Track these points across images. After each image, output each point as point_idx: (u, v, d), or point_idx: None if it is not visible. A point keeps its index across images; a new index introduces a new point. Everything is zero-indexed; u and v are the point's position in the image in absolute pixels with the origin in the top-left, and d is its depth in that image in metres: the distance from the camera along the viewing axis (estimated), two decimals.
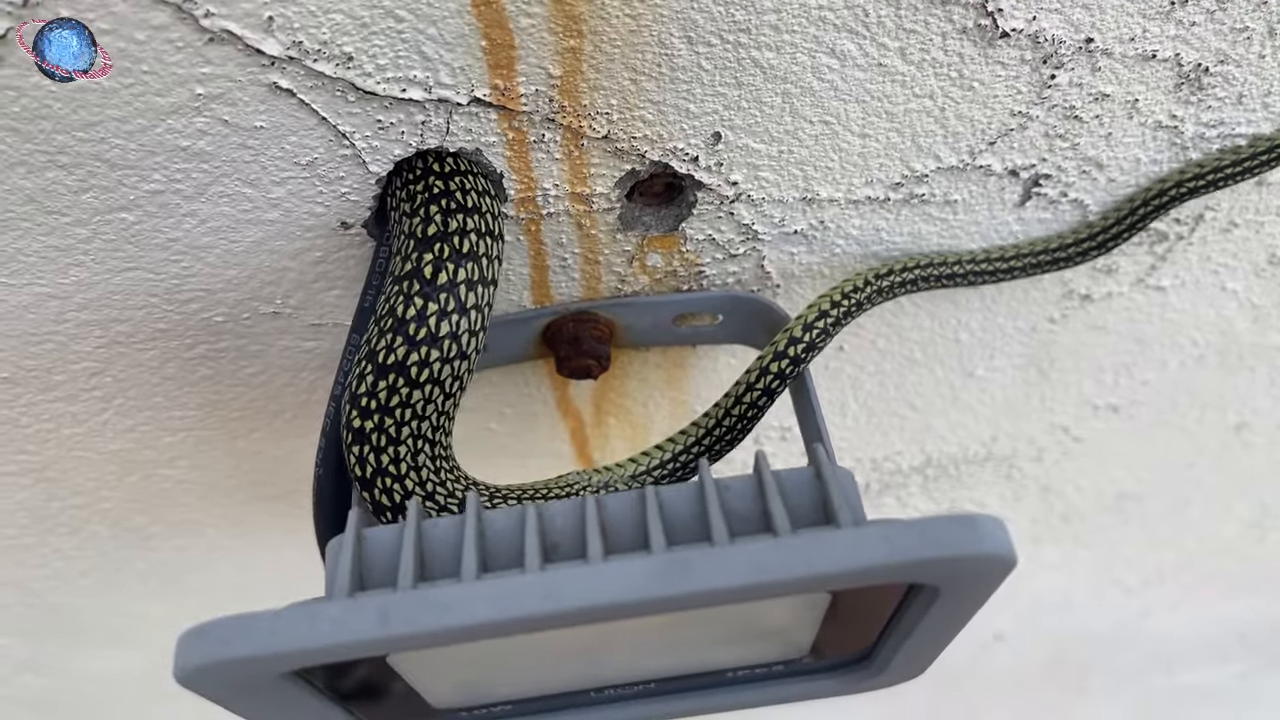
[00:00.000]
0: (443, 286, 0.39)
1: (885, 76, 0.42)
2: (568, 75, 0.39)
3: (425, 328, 0.38)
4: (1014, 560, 0.33)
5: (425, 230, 0.39)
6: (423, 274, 0.39)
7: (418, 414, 0.39)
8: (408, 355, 0.38)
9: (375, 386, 0.38)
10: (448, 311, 0.38)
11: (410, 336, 0.38)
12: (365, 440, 0.39)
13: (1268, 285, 0.61)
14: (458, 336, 0.39)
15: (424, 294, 0.38)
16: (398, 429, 0.39)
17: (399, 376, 0.38)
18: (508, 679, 0.43)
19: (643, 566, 0.31)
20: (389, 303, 0.39)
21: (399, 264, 0.39)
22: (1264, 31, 0.44)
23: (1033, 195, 0.50)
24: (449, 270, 0.39)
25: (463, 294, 0.39)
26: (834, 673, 0.47)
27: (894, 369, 0.62)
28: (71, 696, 0.80)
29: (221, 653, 0.31)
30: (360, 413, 0.39)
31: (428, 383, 0.38)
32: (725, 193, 0.46)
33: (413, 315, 0.38)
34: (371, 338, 0.39)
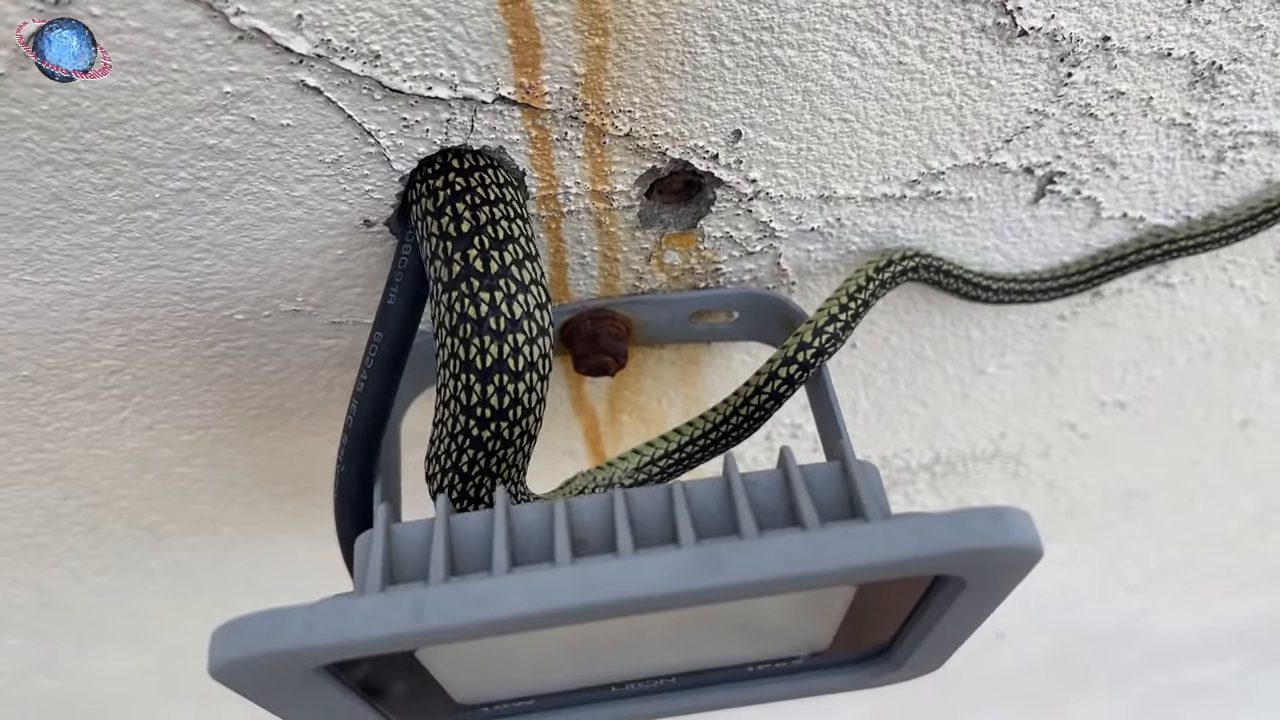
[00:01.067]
0: (498, 274, 0.39)
1: (905, 74, 0.43)
2: (592, 73, 0.39)
3: (502, 316, 0.38)
4: (1040, 552, 0.33)
5: (459, 228, 0.40)
6: (475, 269, 0.39)
7: (526, 408, 0.39)
8: (501, 349, 0.38)
9: (485, 393, 0.38)
10: (513, 294, 0.39)
11: (495, 330, 0.38)
12: (482, 447, 0.39)
13: (1275, 282, 0.62)
14: (531, 314, 0.39)
15: (486, 287, 0.38)
16: (510, 429, 0.39)
17: (501, 374, 0.38)
18: (531, 675, 0.43)
19: (674, 560, 0.32)
20: (457, 309, 0.39)
21: (444, 269, 0.39)
22: (1278, 30, 0.45)
23: (1046, 193, 0.51)
24: (496, 258, 0.39)
25: (517, 274, 0.39)
26: (853, 667, 0.47)
27: (906, 366, 0.63)
28: (85, 697, 0.80)
29: (257, 647, 0.31)
30: (478, 423, 0.39)
31: (525, 370, 0.39)
32: (744, 190, 0.46)
33: (486, 310, 0.38)
34: (456, 349, 0.39)
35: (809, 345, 0.46)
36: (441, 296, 0.40)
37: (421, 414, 0.54)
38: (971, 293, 0.54)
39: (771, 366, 0.46)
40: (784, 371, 0.46)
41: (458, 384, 0.39)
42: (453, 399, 0.40)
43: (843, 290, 0.48)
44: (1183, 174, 0.52)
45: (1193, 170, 0.52)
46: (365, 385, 0.45)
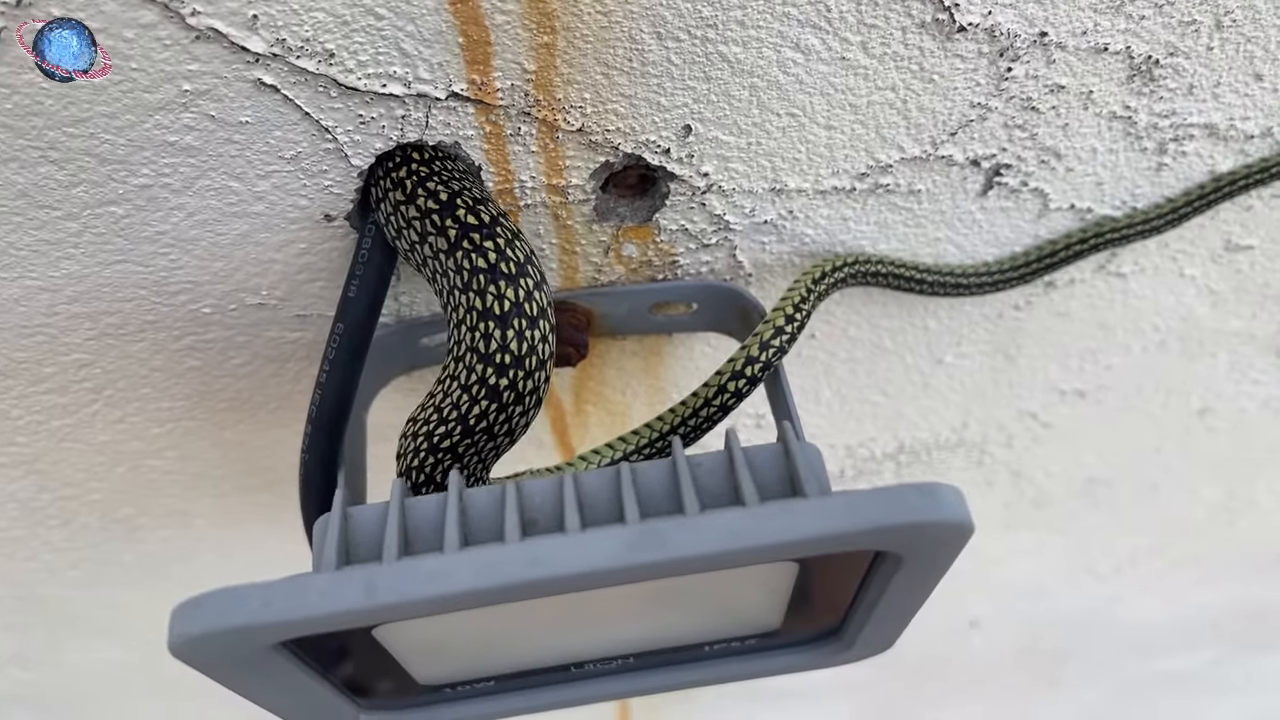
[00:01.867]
0: (491, 223, 0.40)
1: (848, 70, 0.44)
2: (542, 70, 0.41)
3: (511, 261, 0.40)
4: (971, 527, 0.35)
5: (440, 199, 0.40)
6: (470, 223, 0.40)
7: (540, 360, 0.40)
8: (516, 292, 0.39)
9: (506, 339, 0.39)
10: (512, 239, 0.40)
11: (508, 274, 0.39)
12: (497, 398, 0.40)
13: (1224, 271, 0.63)
14: (530, 259, 0.41)
15: (488, 235, 0.40)
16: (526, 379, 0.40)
17: (519, 318, 0.39)
18: (490, 655, 0.44)
19: (618, 536, 0.33)
20: (466, 266, 0.40)
21: (439, 239, 0.40)
22: (1211, 24, 0.46)
23: (994, 185, 0.52)
24: (485, 210, 0.40)
25: (506, 223, 0.41)
26: (807, 647, 0.48)
27: (865, 356, 0.64)
28: (60, 690, 0.81)
29: (215, 623, 0.32)
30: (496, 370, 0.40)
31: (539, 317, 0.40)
32: (697, 184, 0.48)
33: (495, 257, 0.39)
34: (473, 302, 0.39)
35: (756, 360, 0.47)
36: (447, 263, 0.40)
37: (387, 405, 0.55)
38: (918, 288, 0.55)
39: (735, 365, 0.47)
40: (732, 386, 0.47)
41: (475, 335, 0.40)
42: (469, 351, 0.40)
43: (795, 290, 0.49)
44: (1126, 165, 0.53)
45: (1136, 162, 0.53)
46: (328, 376, 0.46)
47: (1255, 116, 0.52)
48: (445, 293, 0.41)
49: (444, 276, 0.40)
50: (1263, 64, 0.49)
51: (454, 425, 0.41)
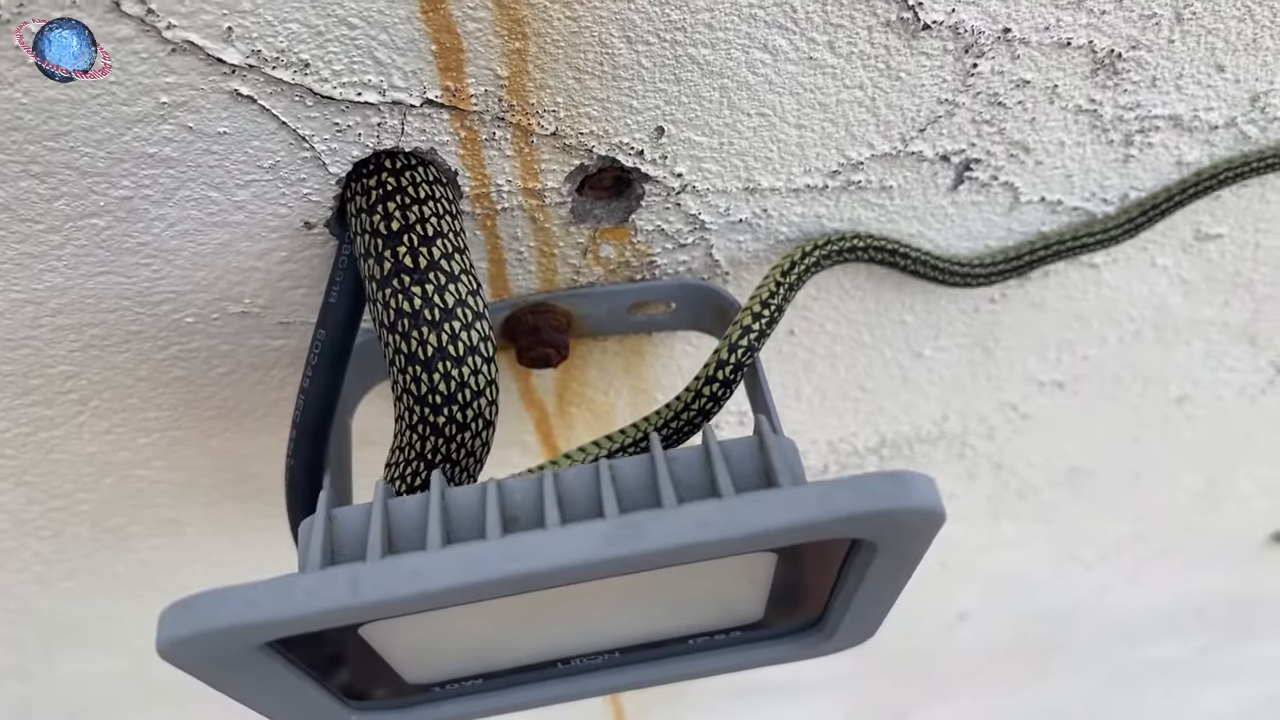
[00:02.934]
0: (427, 268, 0.41)
1: (816, 69, 0.45)
2: (515, 76, 0.41)
3: (436, 307, 0.40)
4: (942, 514, 0.35)
5: (389, 226, 0.41)
6: (405, 265, 0.41)
7: (475, 390, 0.41)
8: (439, 338, 0.40)
9: (434, 381, 0.40)
10: (443, 285, 0.41)
11: (431, 321, 0.40)
12: (440, 433, 0.41)
13: (1195, 260, 0.64)
14: (464, 301, 0.41)
15: (417, 281, 0.40)
16: (463, 412, 0.41)
17: (444, 361, 0.40)
18: (477, 652, 0.45)
19: (597, 530, 0.34)
20: (393, 305, 0.40)
21: (375, 266, 0.41)
22: (1171, 17, 0.47)
23: (965, 179, 0.53)
24: (425, 254, 0.41)
25: (446, 266, 0.41)
26: (789, 638, 0.49)
27: (844, 352, 0.65)
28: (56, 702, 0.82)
29: (202, 624, 0.33)
30: (432, 410, 0.41)
31: (467, 354, 0.41)
32: (671, 184, 0.48)
33: (420, 303, 0.40)
34: (399, 345, 0.40)
35: (726, 363, 0.47)
36: (376, 294, 0.42)
37: (372, 409, 0.56)
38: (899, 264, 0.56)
39: (708, 370, 0.47)
40: (707, 390, 0.47)
41: (406, 377, 0.41)
42: (404, 392, 0.41)
43: (764, 286, 0.49)
44: (1094, 158, 0.54)
45: (1103, 154, 0.54)
46: (311, 381, 0.46)
47: (1219, 107, 0.53)
48: (376, 320, 0.42)
49: (375, 304, 0.42)
50: (1224, 55, 0.50)
51: (417, 463, 0.42)
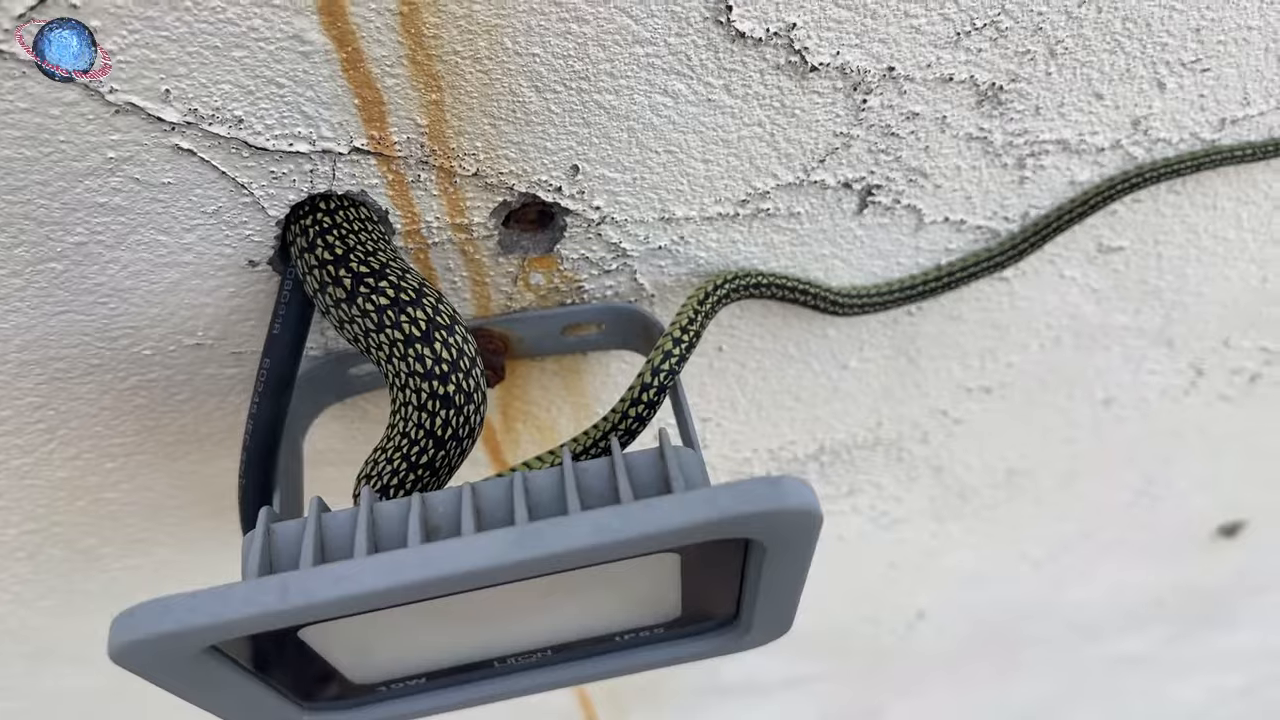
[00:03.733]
0: (382, 269, 0.45)
1: (716, 109, 0.49)
2: (434, 124, 0.45)
3: (406, 291, 0.44)
4: (816, 513, 0.39)
5: (334, 252, 0.45)
6: (362, 272, 0.45)
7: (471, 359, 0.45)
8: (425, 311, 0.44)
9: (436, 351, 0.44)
10: (403, 275, 0.45)
11: (411, 300, 0.44)
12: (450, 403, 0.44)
13: (1102, 271, 0.68)
14: (425, 282, 0.46)
15: (380, 277, 0.45)
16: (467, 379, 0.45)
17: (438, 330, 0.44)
18: (417, 653, 0.49)
19: (504, 536, 0.37)
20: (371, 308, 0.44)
21: (336, 289, 0.45)
22: (1045, 53, 0.51)
23: (868, 204, 0.57)
24: (375, 260, 0.45)
25: (396, 265, 0.46)
26: (710, 634, 0.53)
27: (774, 365, 0.69)
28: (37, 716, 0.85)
29: (147, 630, 0.36)
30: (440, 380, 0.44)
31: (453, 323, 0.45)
32: (590, 216, 0.52)
33: (394, 293, 0.44)
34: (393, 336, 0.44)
35: (650, 385, 0.51)
36: (349, 311, 0.45)
37: (324, 432, 0.60)
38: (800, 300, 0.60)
39: (633, 393, 0.51)
40: (633, 411, 0.51)
41: (409, 361, 0.44)
42: (410, 377, 0.45)
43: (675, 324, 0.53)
44: (990, 180, 0.58)
45: (999, 177, 0.58)
46: (258, 407, 0.50)
47: (1103, 131, 0.57)
48: (359, 337, 0.45)
49: (351, 323, 0.45)
50: (1101, 85, 0.54)
51: (425, 441, 0.45)
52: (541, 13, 0.42)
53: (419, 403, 0.45)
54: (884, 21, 0.47)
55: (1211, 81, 0.56)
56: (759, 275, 0.57)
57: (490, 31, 0.42)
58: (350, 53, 0.42)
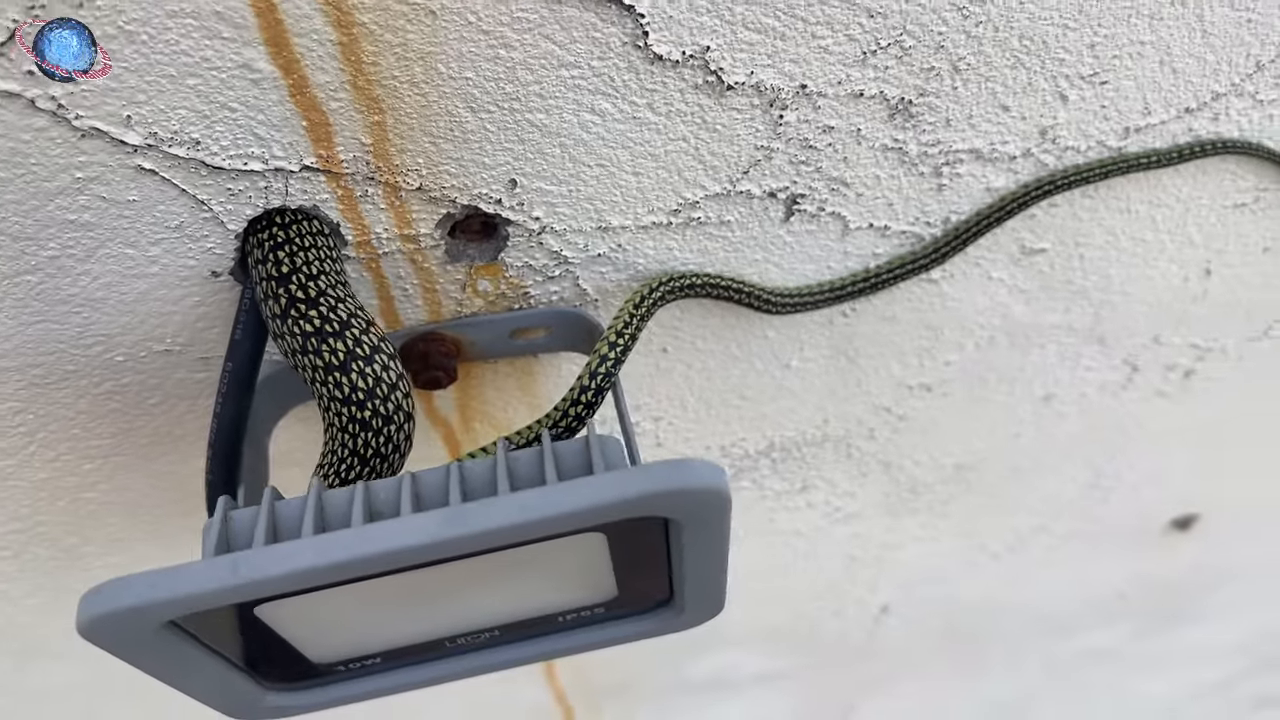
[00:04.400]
0: (317, 296, 0.49)
1: (642, 126, 0.53)
2: (378, 143, 0.49)
3: (332, 322, 0.48)
4: (723, 492, 0.43)
5: (280, 270, 0.49)
6: (298, 297, 0.49)
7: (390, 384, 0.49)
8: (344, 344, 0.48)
9: (353, 381, 0.48)
10: (334, 306, 0.49)
11: (333, 332, 0.48)
12: (368, 427, 0.48)
13: (1028, 272, 0.72)
14: (355, 314, 0.49)
15: (311, 306, 0.48)
16: (384, 404, 0.48)
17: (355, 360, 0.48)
18: (370, 633, 0.52)
19: (437, 515, 0.41)
20: (297, 331, 0.48)
21: (274, 304, 0.49)
22: (949, 69, 0.55)
23: (794, 212, 0.61)
24: (313, 286, 0.49)
25: (333, 293, 0.49)
26: (648, 614, 0.56)
27: (718, 365, 0.73)
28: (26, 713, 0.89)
29: (110, 605, 0.40)
30: (358, 407, 0.48)
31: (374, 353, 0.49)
32: (531, 226, 0.56)
33: (320, 322, 0.48)
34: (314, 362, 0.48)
35: (588, 388, 0.55)
36: (280, 328, 0.49)
37: (289, 433, 0.63)
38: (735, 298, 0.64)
39: (564, 405, 0.54)
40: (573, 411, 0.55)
41: (328, 387, 0.48)
42: (331, 400, 0.49)
43: (611, 329, 0.56)
44: (910, 188, 0.62)
45: (917, 185, 0.62)
46: (222, 407, 0.54)
47: (1013, 140, 0.61)
48: (288, 353, 0.50)
49: (282, 339, 0.49)
50: (1006, 98, 0.58)
51: (351, 459, 0.50)
52: (471, 40, 0.46)
53: (340, 425, 0.49)
54: (793, 43, 0.51)
55: (1111, 93, 0.60)
56: (693, 276, 0.61)
57: (424, 58, 0.46)
58: (296, 79, 0.46)
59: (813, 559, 1.03)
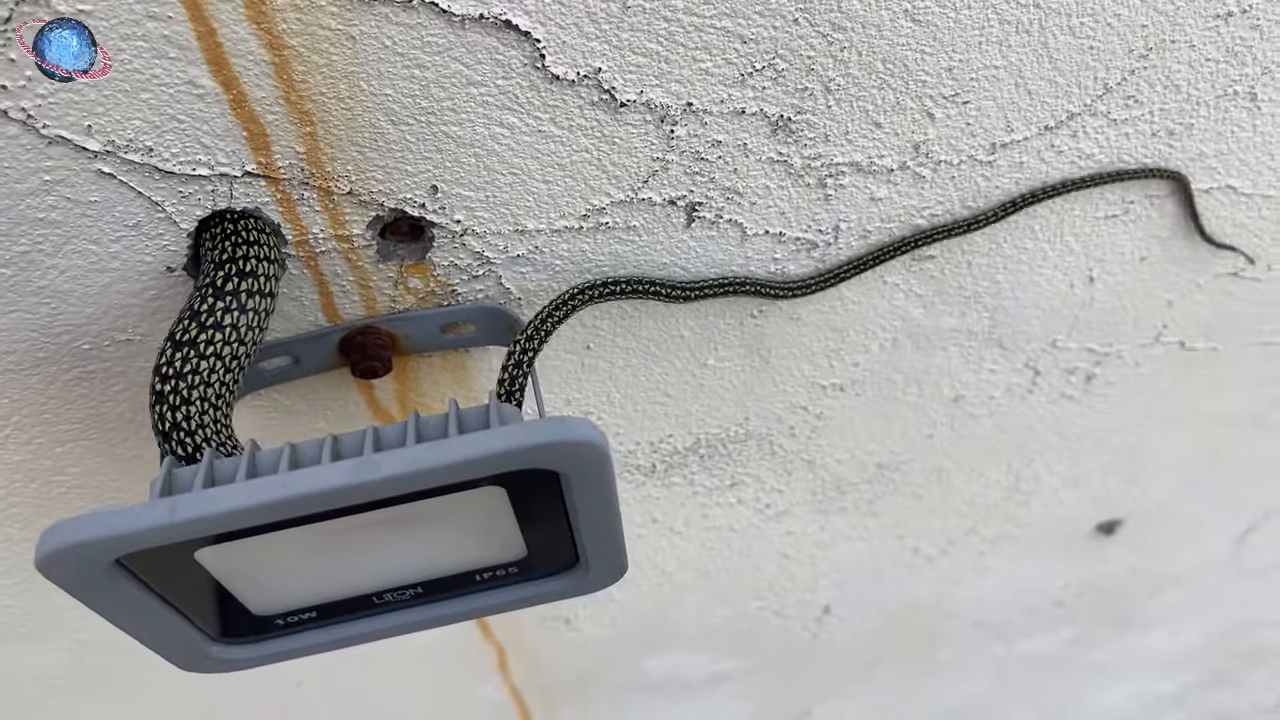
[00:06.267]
0: (229, 292, 0.56)
1: (546, 139, 0.60)
2: (310, 151, 0.57)
3: (213, 317, 0.55)
4: (598, 444, 0.49)
5: (220, 257, 0.56)
6: (215, 284, 0.56)
7: (204, 380, 0.55)
8: (198, 335, 0.55)
9: (172, 358, 0.55)
10: (230, 309, 0.55)
11: (202, 323, 0.55)
12: (164, 400, 0.55)
13: (921, 278, 0.80)
14: (237, 327, 0.55)
15: (215, 295, 0.55)
16: (189, 391, 0.55)
17: (190, 349, 0.54)
18: (303, 584, 0.58)
19: (349, 463, 0.48)
20: (190, 304, 0.55)
21: (201, 280, 0.56)
22: (821, 89, 0.63)
23: (695, 219, 0.68)
24: (234, 282, 0.56)
25: (243, 299, 0.56)
26: (559, 575, 0.62)
27: (640, 363, 0.80)
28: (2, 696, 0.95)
29: (63, 540, 0.46)
30: (160, 379, 0.55)
31: (212, 356, 0.55)
32: (454, 229, 0.63)
33: (205, 309, 0.55)
34: (174, 329, 0.55)
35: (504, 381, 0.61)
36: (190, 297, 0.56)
37: (241, 423, 0.70)
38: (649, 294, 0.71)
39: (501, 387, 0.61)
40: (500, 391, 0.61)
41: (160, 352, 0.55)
42: None
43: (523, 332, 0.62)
44: (799, 198, 0.69)
45: (806, 195, 0.69)
46: None
47: (889, 155, 0.68)
48: None
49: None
50: (877, 115, 0.66)
51: None
52: (388, 61, 0.54)
53: None
54: (677, 65, 0.59)
55: (974, 112, 0.67)
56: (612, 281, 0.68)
57: (348, 77, 0.54)
58: (236, 94, 0.53)
59: (748, 555, 1.09)
